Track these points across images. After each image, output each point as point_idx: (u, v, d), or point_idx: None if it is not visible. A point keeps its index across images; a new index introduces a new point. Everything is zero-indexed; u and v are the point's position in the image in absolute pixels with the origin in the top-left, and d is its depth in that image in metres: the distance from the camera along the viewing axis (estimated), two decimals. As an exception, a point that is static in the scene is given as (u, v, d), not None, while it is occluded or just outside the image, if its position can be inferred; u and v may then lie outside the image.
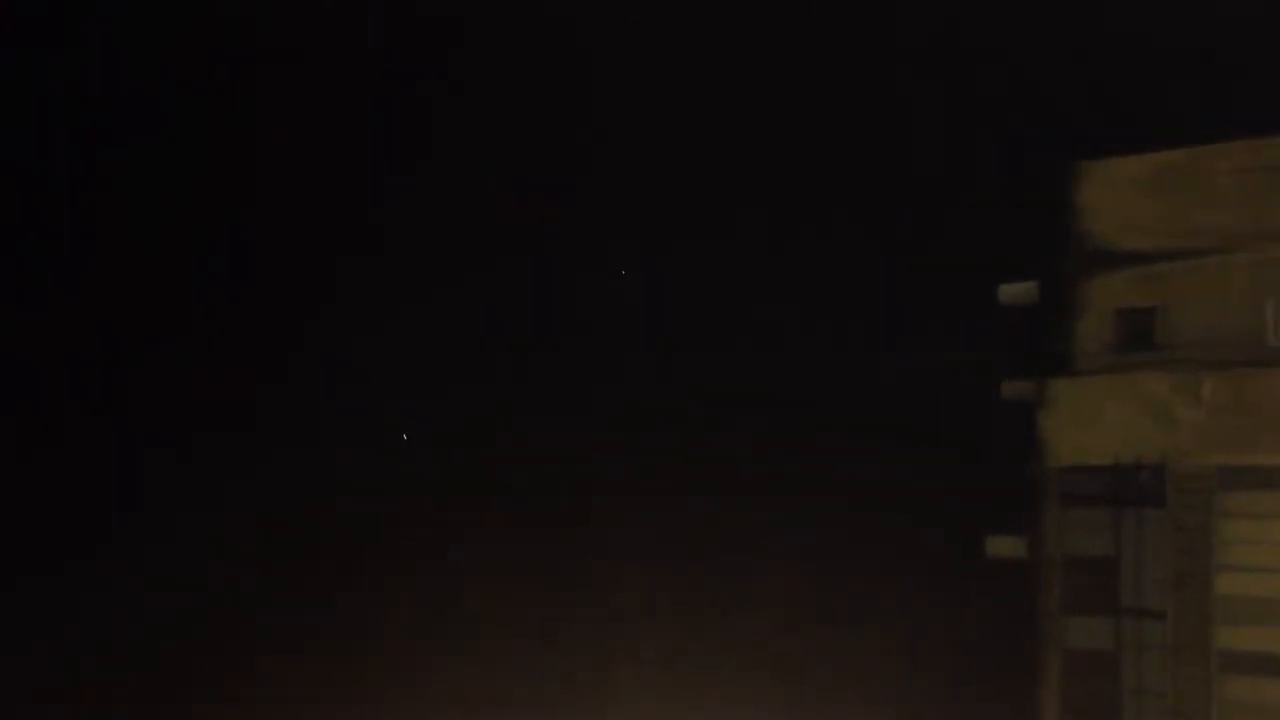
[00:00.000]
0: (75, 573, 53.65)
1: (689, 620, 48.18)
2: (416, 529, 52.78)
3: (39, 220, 55.57)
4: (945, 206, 45.35)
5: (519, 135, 52.83)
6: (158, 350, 54.73)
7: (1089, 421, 40.02)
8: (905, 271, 45.91)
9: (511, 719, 49.40)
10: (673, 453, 49.05)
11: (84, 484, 54.17)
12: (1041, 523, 40.45)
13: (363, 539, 53.45)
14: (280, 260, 54.79)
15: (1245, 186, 39.22)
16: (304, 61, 53.96)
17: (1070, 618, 40.06)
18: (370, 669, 52.22)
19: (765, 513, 46.77)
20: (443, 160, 53.62)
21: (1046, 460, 40.41)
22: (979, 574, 41.34)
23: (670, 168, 49.68)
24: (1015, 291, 41.45)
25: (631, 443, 49.71)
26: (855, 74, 46.88)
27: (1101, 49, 44.75)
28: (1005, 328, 41.48)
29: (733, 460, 47.94)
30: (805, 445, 46.23)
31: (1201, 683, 38.49)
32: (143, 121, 55.16)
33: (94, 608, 53.28)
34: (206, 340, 54.86)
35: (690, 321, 49.80)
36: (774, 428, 47.40)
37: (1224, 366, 38.70)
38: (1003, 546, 41.25)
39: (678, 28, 49.67)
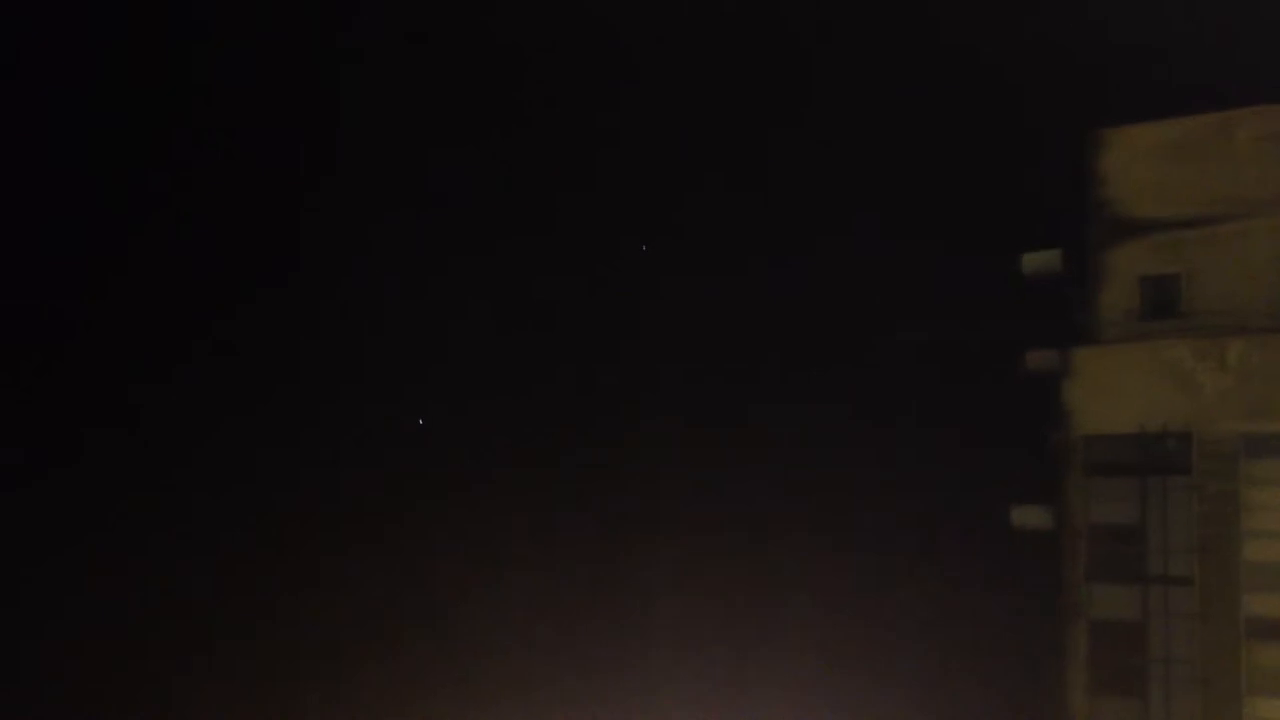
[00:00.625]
0: (75, 572, 53.60)
1: (721, 592, 48.16)
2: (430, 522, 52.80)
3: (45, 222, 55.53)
4: (966, 177, 45.33)
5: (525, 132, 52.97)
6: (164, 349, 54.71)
7: (1113, 390, 39.94)
8: (928, 243, 45.88)
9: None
10: (699, 429, 49.17)
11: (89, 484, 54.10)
12: (1067, 492, 40.38)
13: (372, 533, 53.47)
14: (287, 258, 54.79)
15: (1267, 152, 39.25)
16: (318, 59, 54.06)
17: (1096, 586, 39.95)
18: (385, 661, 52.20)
19: (789, 484, 46.78)
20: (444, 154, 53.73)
21: (1071, 430, 40.38)
22: (1005, 544, 41.26)
23: (692, 138, 49.84)
24: (1038, 261, 41.41)
25: (661, 418, 49.84)
26: (877, 46, 46.99)
27: (1121, 16, 44.75)
28: (1028, 298, 41.44)
29: (755, 436, 47.97)
30: (830, 417, 46.23)
31: (1229, 649, 38.36)
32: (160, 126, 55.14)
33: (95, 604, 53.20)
34: (214, 339, 54.83)
35: (716, 296, 49.85)
36: (800, 398, 47.43)
37: (1249, 332, 38.70)
38: (1028, 516, 41.19)
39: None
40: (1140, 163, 40.42)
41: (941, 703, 42.95)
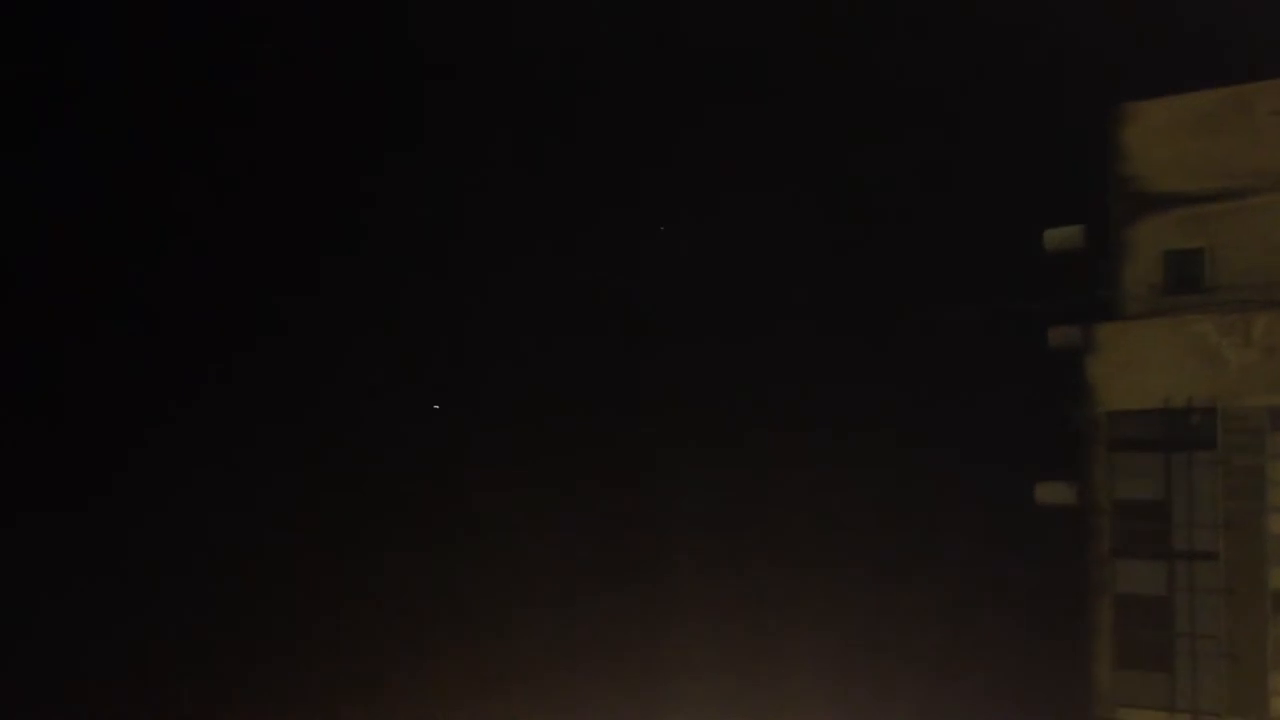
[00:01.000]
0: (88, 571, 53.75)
1: (744, 573, 48.18)
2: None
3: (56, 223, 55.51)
4: (987, 153, 45.20)
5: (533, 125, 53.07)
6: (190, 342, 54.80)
7: (1137, 365, 39.86)
8: (950, 220, 45.76)
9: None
10: (729, 406, 49.23)
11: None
12: (1091, 468, 40.33)
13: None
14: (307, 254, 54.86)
15: (1292, 124, 39.26)
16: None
17: (1121, 562, 39.89)
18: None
19: (817, 460, 46.70)
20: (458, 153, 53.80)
21: (1095, 405, 40.33)
22: (1029, 522, 41.20)
23: (707, 116, 49.76)
24: (1060, 236, 41.35)
25: (688, 400, 49.94)
26: (894, 21, 46.86)
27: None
28: (1051, 274, 41.36)
29: (782, 412, 47.97)
30: (856, 394, 46.19)
31: (1255, 624, 38.32)
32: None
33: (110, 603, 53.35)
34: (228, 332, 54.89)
35: (741, 272, 49.80)
36: (820, 378, 47.39)
37: (1274, 306, 38.62)
38: (1053, 493, 41.13)
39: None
40: (1163, 137, 40.23)
41: (966, 679, 42.94)
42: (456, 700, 51.21)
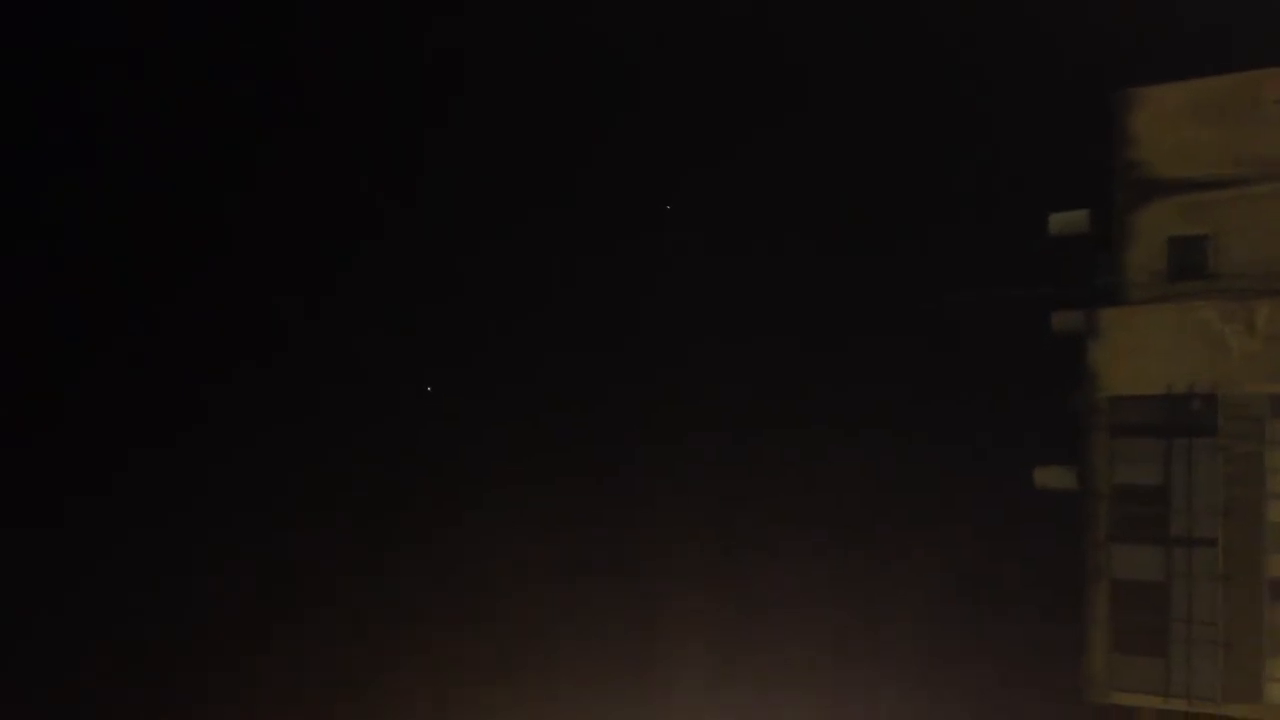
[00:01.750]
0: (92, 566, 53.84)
1: (752, 554, 48.19)
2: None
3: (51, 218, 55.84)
4: (993, 137, 45.44)
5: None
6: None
7: (1140, 351, 39.83)
8: (955, 204, 45.93)
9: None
10: (727, 393, 49.26)
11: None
12: (1091, 453, 40.29)
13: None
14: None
15: (1298, 113, 39.39)
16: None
17: (1119, 547, 39.79)
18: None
19: (819, 443, 46.70)
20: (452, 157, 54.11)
21: (1096, 390, 40.34)
22: (1027, 505, 41.17)
23: (717, 111, 50.08)
24: (1065, 221, 41.47)
25: (694, 374, 50.03)
26: (902, 7, 47.18)
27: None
28: (1055, 258, 41.47)
29: (781, 403, 48.06)
30: (857, 377, 46.26)
31: (1252, 611, 38.13)
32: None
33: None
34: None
35: (742, 262, 49.97)
36: (824, 365, 47.47)
37: (1277, 295, 38.62)
38: (1052, 478, 41.11)
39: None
40: (1169, 123, 40.32)
41: (965, 661, 42.77)
42: (457, 699, 51.09)
